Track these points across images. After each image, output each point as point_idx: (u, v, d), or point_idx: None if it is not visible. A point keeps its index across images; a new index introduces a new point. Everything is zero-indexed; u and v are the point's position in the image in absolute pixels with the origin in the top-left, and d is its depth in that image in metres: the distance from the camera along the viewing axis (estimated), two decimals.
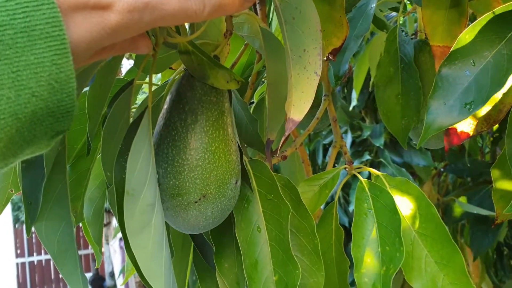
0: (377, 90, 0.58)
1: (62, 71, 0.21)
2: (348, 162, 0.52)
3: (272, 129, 0.47)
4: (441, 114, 0.40)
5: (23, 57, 0.20)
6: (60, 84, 0.22)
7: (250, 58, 0.73)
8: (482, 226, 1.01)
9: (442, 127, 0.40)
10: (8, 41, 0.20)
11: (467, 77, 0.39)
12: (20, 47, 0.20)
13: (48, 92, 0.21)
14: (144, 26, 0.25)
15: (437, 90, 0.40)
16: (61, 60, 0.21)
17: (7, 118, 0.21)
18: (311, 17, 0.36)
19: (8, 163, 0.23)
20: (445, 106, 0.40)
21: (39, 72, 0.21)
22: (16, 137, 0.21)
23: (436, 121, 0.40)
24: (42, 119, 0.22)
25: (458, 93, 0.39)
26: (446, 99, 0.40)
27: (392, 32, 0.58)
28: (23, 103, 0.21)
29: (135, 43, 0.32)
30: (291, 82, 0.36)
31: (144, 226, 0.36)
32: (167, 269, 0.38)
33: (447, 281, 0.43)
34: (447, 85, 0.40)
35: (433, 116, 0.40)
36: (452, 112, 0.39)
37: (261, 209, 0.46)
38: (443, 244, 0.44)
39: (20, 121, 0.21)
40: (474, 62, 0.37)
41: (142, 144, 0.36)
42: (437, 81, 0.40)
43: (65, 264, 0.45)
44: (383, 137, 1.07)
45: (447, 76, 0.39)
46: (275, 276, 0.44)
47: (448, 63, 0.39)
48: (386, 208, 0.46)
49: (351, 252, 0.45)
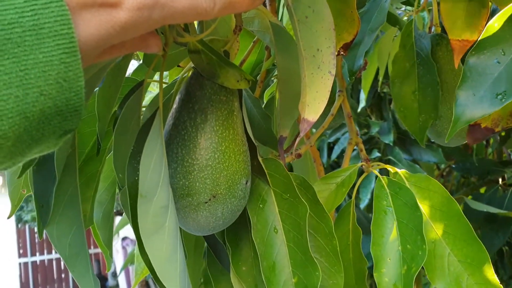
0: (392, 86, 0.57)
1: (71, 69, 0.21)
2: (364, 159, 0.51)
3: (285, 125, 0.46)
4: (471, 105, 0.38)
5: (32, 55, 0.20)
6: (68, 82, 0.22)
7: (259, 56, 0.72)
8: (492, 225, 1.00)
9: (472, 119, 0.38)
10: (17, 39, 0.20)
11: (497, 66, 0.37)
12: (28, 46, 0.20)
13: (56, 90, 0.21)
14: (153, 23, 0.25)
15: (465, 80, 0.38)
16: (69, 59, 0.21)
17: (15, 117, 0.20)
18: (324, 16, 0.36)
19: (16, 162, 0.23)
20: (475, 97, 0.38)
21: (47, 71, 0.21)
22: (24, 136, 0.21)
23: (466, 113, 0.38)
24: (50, 118, 0.22)
25: (488, 83, 0.37)
26: (475, 89, 0.38)
27: (407, 26, 0.56)
28: (31, 101, 0.21)
29: (145, 42, 0.32)
30: (305, 82, 0.36)
31: (158, 228, 0.36)
32: (182, 271, 0.38)
33: (472, 281, 0.42)
34: (476, 76, 0.38)
35: (462, 107, 0.38)
36: (483, 103, 0.38)
37: (277, 209, 0.45)
38: (467, 242, 0.43)
39: (28, 120, 0.21)
40: (504, 51, 0.36)
41: (154, 146, 0.36)
42: (465, 71, 0.38)
43: (77, 266, 0.45)
44: (392, 134, 1.06)
45: (476, 66, 0.38)
46: (294, 278, 0.43)
47: (476, 52, 0.38)
48: (406, 205, 0.44)
49: (371, 251, 0.44)
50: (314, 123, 0.72)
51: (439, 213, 0.45)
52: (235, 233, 0.47)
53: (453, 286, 0.43)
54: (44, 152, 0.24)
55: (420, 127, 0.55)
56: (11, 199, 0.56)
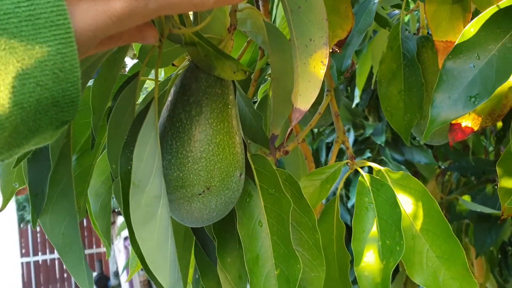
0: (380, 86, 0.58)
1: (67, 60, 0.21)
2: (350, 157, 0.52)
3: (277, 124, 0.47)
4: (446, 107, 0.40)
5: (28, 46, 0.20)
6: (64, 73, 0.22)
7: (252, 55, 0.73)
8: (485, 224, 1.01)
9: (447, 120, 0.40)
10: (13, 30, 0.20)
11: (472, 70, 0.39)
12: (24, 36, 0.20)
13: (52, 81, 0.21)
14: (149, 14, 0.25)
15: (441, 83, 0.40)
16: (65, 49, 0.21)
17: (12, 107, 0.20)
18: (317, 5, 0.36)
19: (12, 154, 0.23)
20: (450, 100, 0.39)
21: (43, 61, 0.21)
22: (21, 127, 0.21)
23: (441, 115, 0.40)
24: (47, 109, 0.22)
25: (463, 87, 0.39)
26: (451, 92, 0.40)
27: (395, 28, 0.58)
28: (27, 92, 0.21)
29: (141, 33, 0.32)
30: (297, 72, 0.36)
31: (149, 218, 0.35)
32: (172, 262, 0.38)
33: (448, 275, 0.43)
34: (452, 79, 0.39)
35: (438, 109, 0.40)
36: (457, 105, 0.39)
37: (263, 203, 0.46)
38: (444, 239, 0.44)
39: (25, 111, 0.21)
40: (479, 56, 0.37)
41: (148, 135, 0.36)
42: (442, 74, 0.40)
43: (70, 256, 0.45)
44: (385, 135, 1.07)
45: (452, 69, 0.39)
46: (276, 270, 0.44)
47: (453, 57, 0.39)
48: (387, 202, 0.46)
49: (352, 246, 0.45)
50: (304, 121, 0.73)
51: (420, 210, 0.46)
52: (221, 226, 0.48)
53: (431, 280, 0.44)
54: (41, 144, 0.24)
55: (405, 126, 0.57)
56: (3, 192, 0.56)
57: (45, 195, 0.43)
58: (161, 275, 0.36)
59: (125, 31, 0.29)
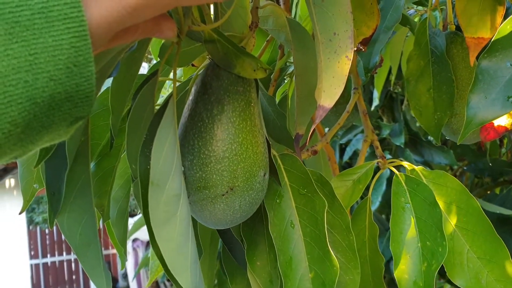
0: (407, 84, 0.57)
1: (81, 54, 0.21)
2: (380, 156, 0.51)
3: (301, 123, 0.45)
4: (483, 108, 0.39)
5: (41, 39, 0.20)
6: (78, 67, 0.21)
7: (272, 55, 0.72)
8: (507, 227, 0.99)
9: (484, 121, 0.39)
10: (26, 22, 0.19)
11: (509, 69, 0.37)
12: (37, 29, 0.20)
13: (66, 75, 0.21)
14: (165, 4, 0.24)
15: (477, 83, 0.39)
16: (79, 43, 0.21)
17: (25, 102, 0.20)
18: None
19: (26, 151, 0.22)
20: (487, 100, 0.38)
21: (57, 55, 0.20)
22: (34, 123, 0.21)
23: (478, 116, 0.39)
24: (60, 104, 0.21)
25: (500, 86, 0.38)
26: (487, 92, 0.38)
27: (422, 24, 0.56)
28: (40, 87, 0.20)
29: (158, 25, 0.31)
30: (321, 67, 0.35)
31: (169, 217, 0.34)
32: (193, 263, 0.36)
33: (492, 277, 0.42)
34: (488, 78, 0.38)
35: (474, 110, 0.39)
36: (494, 105, 0.38)
37: (294, 204, 0.45)
38: (486, 238, 0.43)
39: (38, 106, 0.20)
40: None
41: (167, 133, 0.35)
42: (477, 74, 0.39)
43: (87, 257, 0.43)
44: (403, 136, 1.05)
45: (488, 68, 0.38)
46: (310, 273, 0.43)
47: (489, 55, 0.38)
48: (425, 202, 0.44)
49: (390, 248, 0.44)
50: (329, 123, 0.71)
51: (457, 209, 0.45)
52: (250, 228, 0.46)
53: (473, 282, 0.42)
54: (56, 141, 0.23)
55: (435, 125, 0.55)
56: (23, 194, 0.56)
57: (62, 193, 0.42)
58: (181, 277, 0.35)
59: (140, 24, 0.28)
